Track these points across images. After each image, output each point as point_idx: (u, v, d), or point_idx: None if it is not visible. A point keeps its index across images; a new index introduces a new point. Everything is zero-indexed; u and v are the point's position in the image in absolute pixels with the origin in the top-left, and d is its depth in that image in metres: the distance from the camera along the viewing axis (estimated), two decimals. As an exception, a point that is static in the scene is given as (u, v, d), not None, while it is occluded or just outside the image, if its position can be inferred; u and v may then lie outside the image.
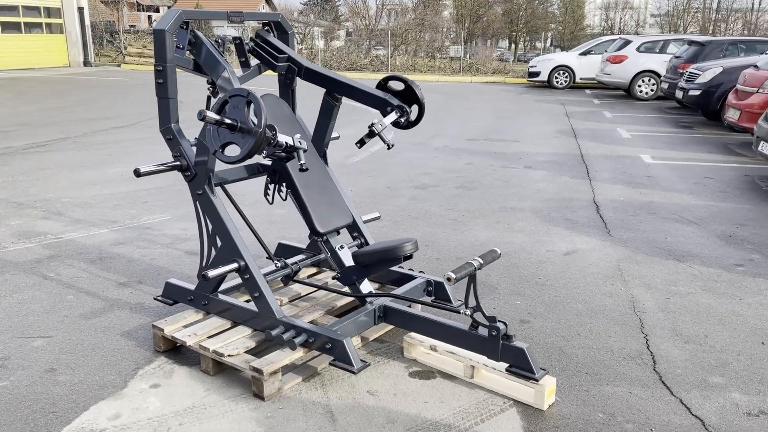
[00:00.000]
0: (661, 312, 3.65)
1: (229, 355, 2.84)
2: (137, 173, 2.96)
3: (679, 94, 11.58)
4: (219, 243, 3.10)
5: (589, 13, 49.10)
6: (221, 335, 3.00)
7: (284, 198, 3.42)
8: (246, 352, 2.91)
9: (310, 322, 3.17)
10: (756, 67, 9.04)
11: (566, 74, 18.23)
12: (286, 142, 2.78)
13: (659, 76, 15.31)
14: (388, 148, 3.28)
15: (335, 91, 3.44)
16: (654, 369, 3.03)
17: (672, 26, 41.69)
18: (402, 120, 3.35)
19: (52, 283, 3.96)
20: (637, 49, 15.73)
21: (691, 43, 13.69)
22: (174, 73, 3.06)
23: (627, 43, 16.05)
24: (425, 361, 3.05)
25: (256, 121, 2.60)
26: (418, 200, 6.03)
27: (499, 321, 2.74)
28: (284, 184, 3.33)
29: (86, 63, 23.83)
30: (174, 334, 3.03)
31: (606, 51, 16.90)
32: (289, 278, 3.32)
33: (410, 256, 2.97)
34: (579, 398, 2.77)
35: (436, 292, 3.44)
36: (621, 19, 45.19)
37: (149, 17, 48.86)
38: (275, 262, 3.29)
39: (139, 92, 15.61)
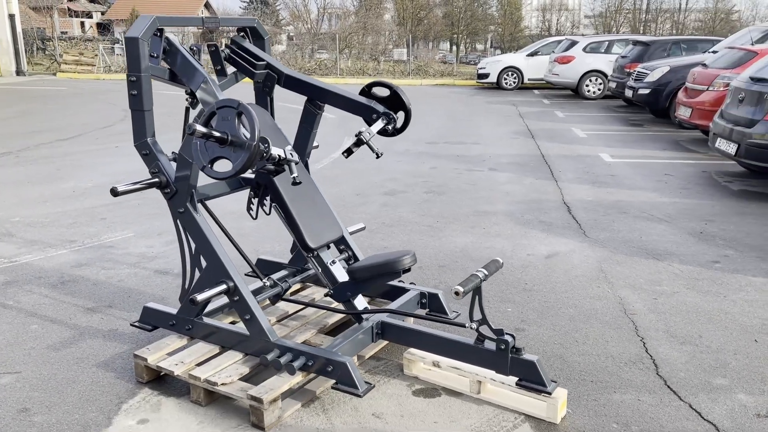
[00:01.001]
0: (651, 313, 3.64)
1: (222, 384, 2.65)
2: (114, 193, 2.75)
3: (628, 93, 11.84)
4: (204, 263, 2.90)
5: (526, 14, 50.22)
6: (211, 362, 2.81)
7: (268, 212, 3.25)
8: (240, 379, 2.73)
9: (303, 342, 3.01)
10: (704, 65, 9.31)
11: (515, 75, 18.46)
12: (279, 155, 2.62)
13: (606, 75, 15.67)
14: (377, 157, 3.15)
15: (317, 98, 3.30)
16: (657, 373, 2.99)
17: (605, 27, 43.00)
18: (389, 127, 3.23)
19: (11, 312, 3.66)
20: (584, 50, 16.06)
21: (635, 43, 14.05)
22: (149, 84, 2.85)
23: (574, 43, 16.37)
24: (427, 378, 2.93)
25: (248, 133, 2.43)
26: (389, 207, 5.92)
27: (506, 333, 2.65)
28: (268, 198, 3.17)
29: (19, 72, 22.74)
30: (159, 364, 2.81)
31: (554, 52, 17.19)
32: (279, 297, 3.15)
33: (408, 270, 2.85)
34: (589, 409, 2.70)
35: (430, 304, 3.33)
36: (557, 20, 46.34)
37: (82, 23, 47.21)
38: (264, 281, 3.11)
39: (79, 102, 14.98)
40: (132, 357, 3.07)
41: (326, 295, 3.10)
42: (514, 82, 18.51)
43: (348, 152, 3.16)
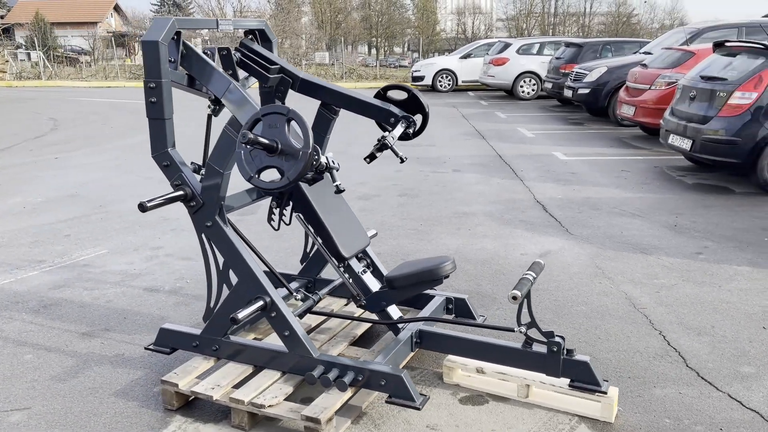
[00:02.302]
0: (660, 306, 3.73)
1: (270, 406, 2.51)
2: (143, 208, 2.54)
3: (568, 93, 12.22)
4: (234, 279, 2.74)
5: (442, 18, 51.23)
6: (249, 383, 2.65)
7: (288, 222, 3.11)
8: (285, 399, 2.59)
9: (338, 355, 2.90)
10: (644, 65, 9.72)
11: (449, 77, 18.72)
12: (324, 162, 2.51)
13: (539, 76, 16.13)
14: (402, 162, 3.07)
15: (334, 103, 3.18)
16: (687, 366, 3.06)
17: (518, 29, 44.49)
18: (410, 131, 3.16)
19: (-4, 341, 3.35)
20: (517, 52, 16.48)
21: (568, 45, 14.54)
22: (169, 91, 2.67)
23: (507, 46, 16.76)
24: (470, 385, 2.88)
25: (299, 141, 2.31)
26: (368, 212, 5.83)
27: (557, 336, 2.63)
28: (289, 207, 3.03)
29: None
30: (194, 389, 2.63)
31: (487, 54, 17.54)
32: (308, 310, 3.02)
33: (448, 276, 2.79)
34: (637, 405, 2.73)
35: (457, 309, 3.28)
36: (473, 23, 47.51)
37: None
38: (295, 294, 2.97)
39: (2, 110, 14.04)
40: (153, 383, 2.88)
41: (358, 305, 2.99)
42: (449, 84, 18.76)
43: (371, 157, 3.06)
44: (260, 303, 2.64)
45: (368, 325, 3.23)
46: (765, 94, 6.16)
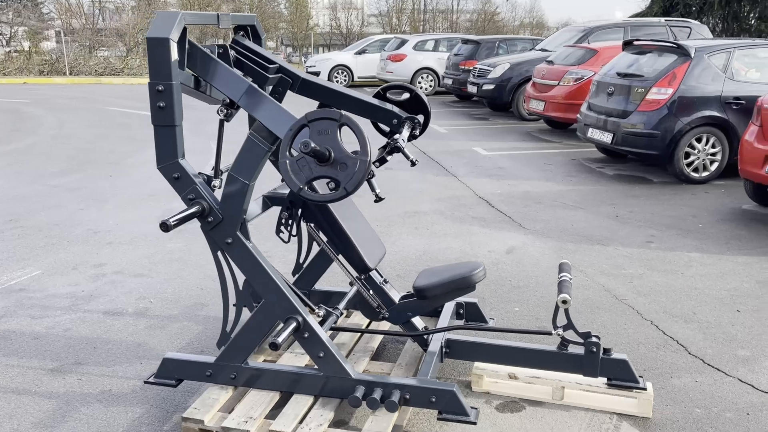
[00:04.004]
0: (639, 296, 3.87)
1: (317, 436, 2.31)
2: (167, 227, 2.24)
3: (472, 88, 12.52)
4: (261, 299, 2.50)
5: (316, 13, 51.02)
6: (283, 411, 2.44)
7: (295, 234, 2.90)
8: (330, 426, 2.40)
9: (363, 372, 2.74)
10: (551, 62, 10.14)
11: (345, 73, 18.62)
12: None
13: (435, 72, 16.43)
14: (413, 165, 2.94)
15: (336, 104, 2.99)
16: (690, 353, 3.19)
17: (390, 25, 45.35)
18: (416, 132, 3.04)
19: (-55, 388, 2.86)
20: (414, 48, 16.68)
21: (465, 42, 14.90)
22: (180, 94, 2.38)
23: (404, 42, 16.92)
24: (500, 392, 2.82)
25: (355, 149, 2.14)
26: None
27: (593, 336, 2.63)
28: (302, 218, 2.83)
29: None
30: (224, 425, 2.37)
31: (384, 50, 17.61)
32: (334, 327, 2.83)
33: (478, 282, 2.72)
34: (663, 397, 2.79)
35: (468, 313, 3.21)
36: (347, 18, 47.78)
37: None
38: (317, 311, 2.76)
39: None
40: (160, 421, 2.59)
41: (380, 318, 2.83)
42: (345, 80, 18.66)
43: (381, 161, 2.91)
44: (294, 324, 2.43)
45: (380, 337, 3.09)
46: (680, 89, 6.60)
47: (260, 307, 2.50)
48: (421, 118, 3.10)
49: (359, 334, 3.06)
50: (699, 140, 6.68)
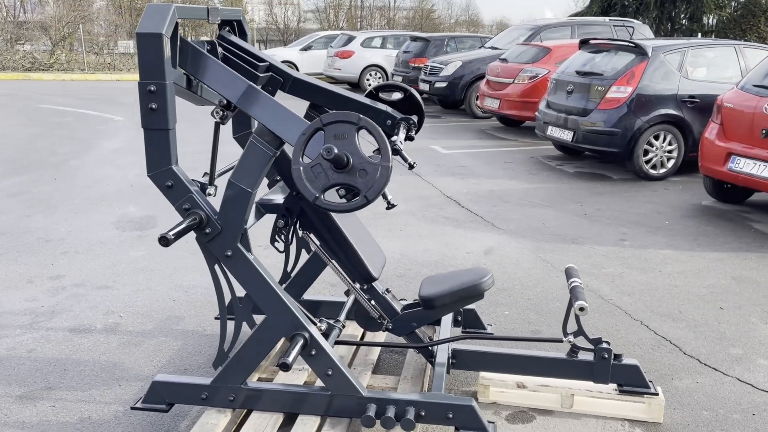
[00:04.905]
0: (624, 296, 3.87)
1: (332, 461, 2.16)
2: (167, 242, 2.04)
3: (424, 86, 12.46)
4: (264, 314, 2.33)
5: (252, 8, 50.20)
6: (291, 436, 2.27)
7: (290, 242, 2.74)
8: (342, 449, 2.25)
9: (367, 387, 2.60)
10: (504, 60, 10.18)
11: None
12: None
13: (383, 69, 16.34)
14: (411, 168, 2.82)
15: (327, 105, 2.83)
16: (685, 354, 3.18)
17: (328, 21, 45.17)
18: (412, 133, 2.92)
19: None
20: (362, 45, 16.52)
21: (415, 39, 14.87)
22: (173, 95, 2.18)
23: (351, 39, 16.75)
24: (508, 401, 2.73)
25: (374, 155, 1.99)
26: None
27: (604, 341, 2.58)
28: (298, 226, 2.66)
29: None
30: (229, 454, 2.19)
31: (331, 47, 17.38)
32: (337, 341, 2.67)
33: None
34: (669, 400, 2.76)
35: (466, 320, 3.11)
36: (284, 13, 47.27)
37: None
38: (319, 324, 2.59)
39: None
40: (160, 451, 2.37)
41: (384, 329, 2.70)
42: (291, 77, 18.31)
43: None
44: (301, 341, 2.26)
45: (378, 349, 2.95)
46: (638, 88, 6.71)
47: (263, 324, 2.33)
48: (415, 118, 2.99)
49: (354, 346, 2.91)
50: (657, 138, 6.82)
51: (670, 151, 6.90)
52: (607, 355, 2.55)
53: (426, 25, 45.46)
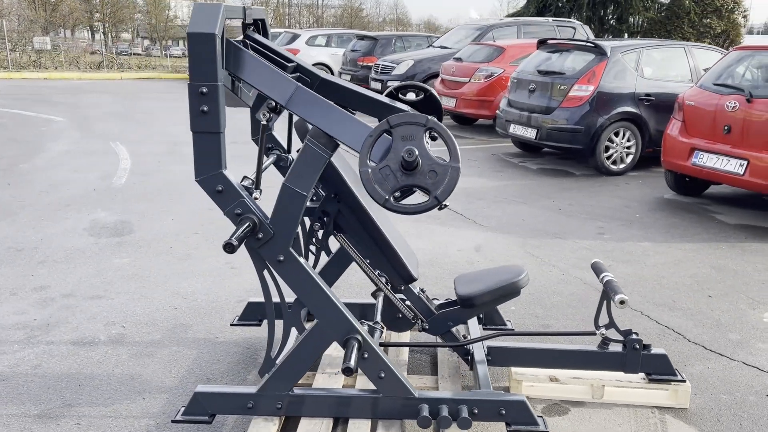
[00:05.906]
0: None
1: (396, 464, 2.15)
2: (233, 248, 1.98)
3: (375, 85, 12.48)
4: (316, 318, 2.29)
5: (175, 4, 48.98)
6: (348, 441, 2.25)
7: (326, 246, 2.72)
8: (401, 451, 2.25)
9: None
10: (459, 59, 10.32)
11: (232, 69, 17.93)
12: None
13: (329, 68, 16.24)
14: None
15: (355, 106, 2.81)
16: (690, 341, 3.34)
17: None
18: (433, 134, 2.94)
19: None
20: (306, 43, 16.38)
21: (362, 37, 14.86)
22: (224, 97, 2.11)
23: (296, 37, 16.57)
24: (539, 395, 2.78)
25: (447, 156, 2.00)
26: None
27: (633, 333, 2.67)
28: (334, 231, 2.64)
29: None
30: (290, 463, 2.14)
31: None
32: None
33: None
34: (687, 386, 2.89)
35: (486, 317, 3.15)
36: (209, 11, 46.59)
37: None
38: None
39: None
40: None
41: (422, 329, 2.70)
42: (232, 76, 17.98)
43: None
44: (356, 345, 2.24)
45: (407, 350, 2.96)
46: (599, 86, 6.96)
47: (314, 329, 2.29)
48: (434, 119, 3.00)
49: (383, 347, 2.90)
50: (617, 134, 7.09)
51: (629, 147, 7.19)
52: (638, 346, 2.65)
53: (355, 23, 45.55)
